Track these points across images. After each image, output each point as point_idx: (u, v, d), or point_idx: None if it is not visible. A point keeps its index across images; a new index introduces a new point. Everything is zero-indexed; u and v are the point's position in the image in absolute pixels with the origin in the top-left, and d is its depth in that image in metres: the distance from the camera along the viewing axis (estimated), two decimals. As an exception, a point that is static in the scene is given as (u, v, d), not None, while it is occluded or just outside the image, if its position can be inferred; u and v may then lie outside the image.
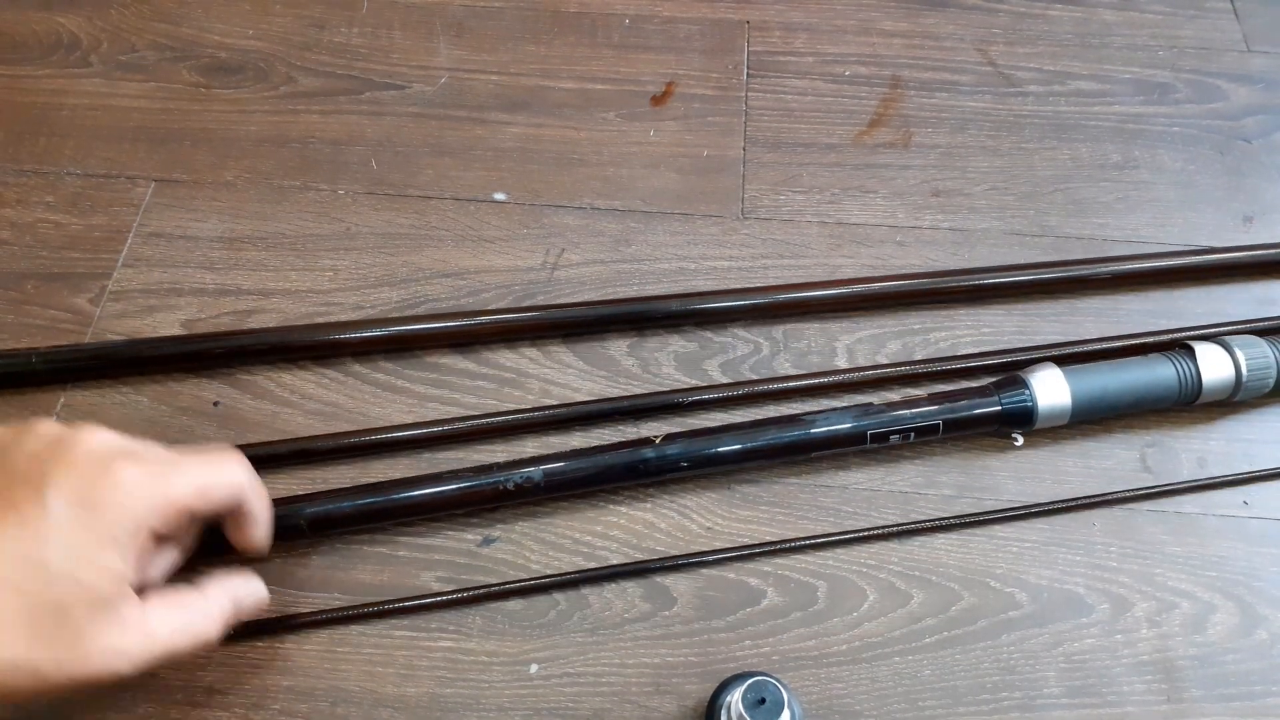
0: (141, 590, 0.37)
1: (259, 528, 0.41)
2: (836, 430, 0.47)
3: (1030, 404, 0.48)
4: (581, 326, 0.54)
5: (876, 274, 0.56)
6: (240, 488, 0.40)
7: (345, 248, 0.57)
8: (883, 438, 0.48)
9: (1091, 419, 0.50)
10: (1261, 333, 0.54)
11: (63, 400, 0.51)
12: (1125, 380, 0.49)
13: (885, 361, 0.53)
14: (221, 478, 0.39)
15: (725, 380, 0.52)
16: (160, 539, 0.37)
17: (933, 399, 0.49)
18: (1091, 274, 0.56)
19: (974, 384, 0.51)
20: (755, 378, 0.52)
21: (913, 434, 0.48)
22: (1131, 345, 0.53)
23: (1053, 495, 0.49)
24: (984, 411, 0.49)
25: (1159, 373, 0.50)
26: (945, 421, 0.48)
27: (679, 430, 0.48)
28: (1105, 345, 0.53)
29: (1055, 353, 0.53)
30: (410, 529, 0.47)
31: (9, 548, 0.33)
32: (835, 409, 0.49)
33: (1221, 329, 0.54)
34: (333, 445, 0.49)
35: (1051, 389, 0.48)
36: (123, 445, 0.37)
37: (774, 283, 0.56)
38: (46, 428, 0.37)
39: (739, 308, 0.54)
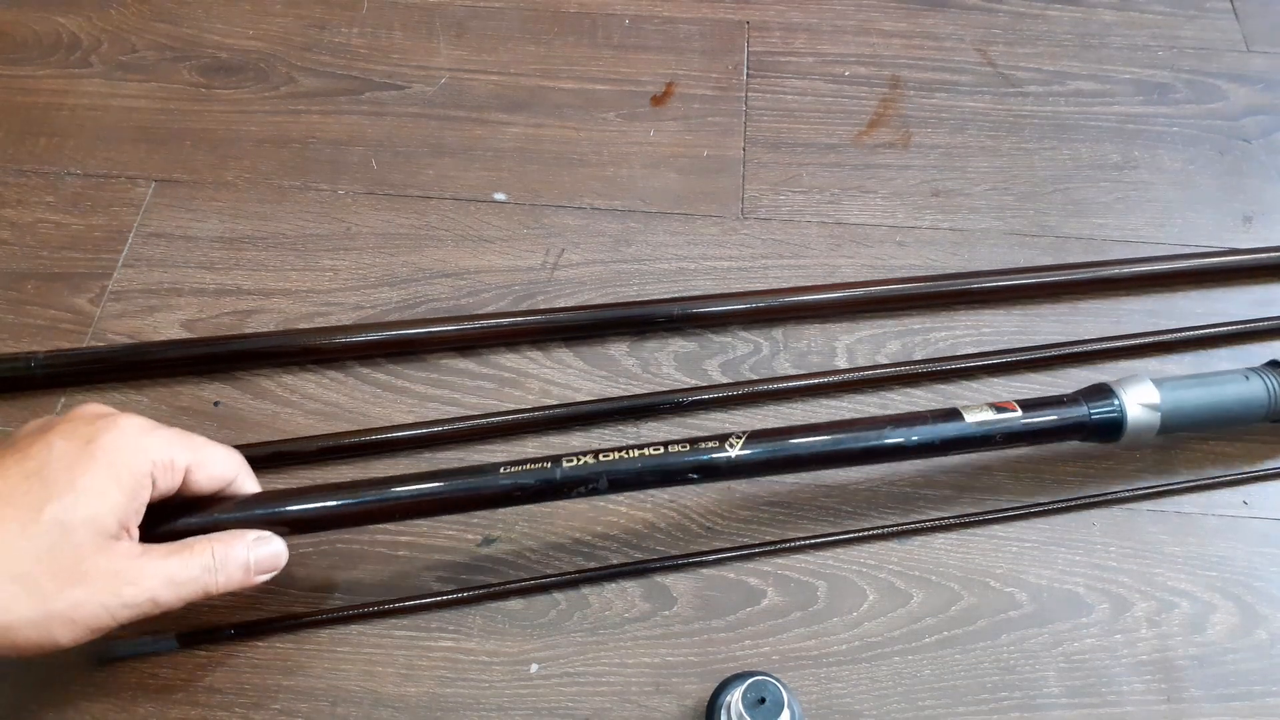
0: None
1: None
2: (926, 442, 0.45)
3: (1119, 415, 0.46)
4: (582, 331, 0.54)
5: (876, 274, 0.57)
6: (235, 471, 0.42)
7: (345, 248, 0.57)
8: (968, 446, 0.46)
9: (1177, 434, 0.49)
10: (1261, 333, 0.54)
11: (62, 401, 0.51)
12: (1216, 396, 0.48)
13: (885, 361, 0.53)
14: (218, 458, 0.41)
15: (725, 380, 0.52)
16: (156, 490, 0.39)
17: (1023, 407, 0.46)
18: (1092, 277, 0.56)
19: (1063, 395, 0.48)
20: (755, 378, 0.52)
21: (999, 438, 0.45)
22: (1129, 343, 0.53)
23: (1053, 495, 0.49)
24: (1072, 421, 0.46)
25: (1249, 389, 0.48)
26: (1032, 431, 0.46)
27: (760, 430, 0.44)
28: (1106, 345, 0.53)
29: (1058, 352, 0.53)
30: (411, 528, 0.47)
31: (13, 481, 0.36)
32: (920, 419, 0.45)
33: (1221, 329, 0.54)
34: (333, 445, 0.49)
35: (1142, 401, 0.46)
36: (142, 420, 0.39)
37: (774, 283, 0.56)
38: (91, 408, 0.40)
39: (738, 311, 0.54)
